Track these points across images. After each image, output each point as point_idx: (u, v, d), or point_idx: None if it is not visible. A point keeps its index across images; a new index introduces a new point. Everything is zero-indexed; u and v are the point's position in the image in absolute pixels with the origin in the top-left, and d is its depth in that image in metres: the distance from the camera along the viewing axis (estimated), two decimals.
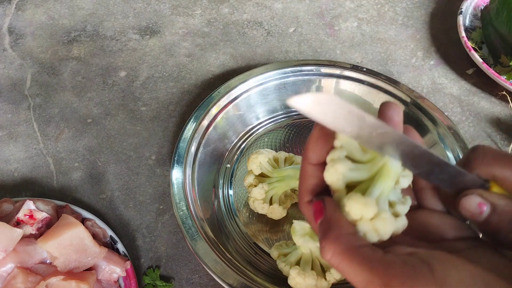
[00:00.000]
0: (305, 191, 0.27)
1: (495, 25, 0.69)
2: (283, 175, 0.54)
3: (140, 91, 0.69)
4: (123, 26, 0.77)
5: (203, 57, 0.73)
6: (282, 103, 0.65)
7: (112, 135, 0.65)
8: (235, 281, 0.47)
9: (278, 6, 0.80)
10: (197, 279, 0.54)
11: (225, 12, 0.79)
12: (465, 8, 0.75)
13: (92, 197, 0.60)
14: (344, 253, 0.23)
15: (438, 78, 0.72)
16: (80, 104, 0.68)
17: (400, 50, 0.75)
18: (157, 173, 0.61)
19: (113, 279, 0.50)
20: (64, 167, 0.62)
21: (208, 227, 0.52)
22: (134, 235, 0.57)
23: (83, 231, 0.48)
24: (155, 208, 0.59)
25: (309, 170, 0.27)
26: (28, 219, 0.49)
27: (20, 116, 0.67)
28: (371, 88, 0.63)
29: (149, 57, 0.73)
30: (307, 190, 0.27)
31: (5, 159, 0.63)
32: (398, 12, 0.81)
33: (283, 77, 0.64)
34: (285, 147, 0.62)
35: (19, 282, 0.44)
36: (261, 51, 0.74)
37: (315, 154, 0.26)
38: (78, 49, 0.74)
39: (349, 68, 0.64)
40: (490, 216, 0.25)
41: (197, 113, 0.60)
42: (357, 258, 0.23)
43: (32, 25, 0.77)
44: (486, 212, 0.25)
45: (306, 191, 0.27)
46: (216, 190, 0.59)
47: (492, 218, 0.25)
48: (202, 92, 0.69)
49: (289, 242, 0.52)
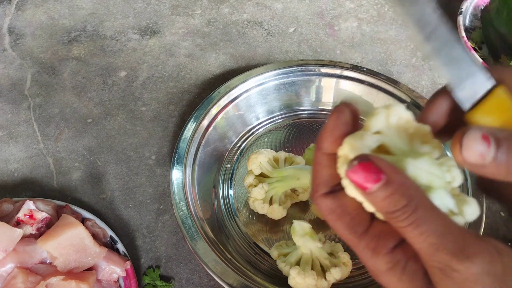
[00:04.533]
0: (320, 183, 0.25)
1: (495, 25, 0.69)
2: (283, 175, 0.54)
3: (140, 91, 0.69)
4: (123, 26, 0.77)
5: (203, 57, 0.73)
6: (282, 103, 0.65)
7: (112, 135, 0.65)
8: (235, 281, 0.47)
9: (278, 6, 0.80)
10: (197, 279, 0.54)
11: (225, 12, 0.79)
12: (465, 8, 0.75)
13: (92, 197, 0.60)
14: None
15: (438, 78, 0.72)
16: (80, 104, 0.68)
17: (400, 50, 0.75)
18: (157, 173, 0.61)
19: (113, 279, 0.50)
20: (64, 167, 0.62)
21: (208, 227, 0.52)
22: (134, 235, 0.57)
23: (83, 231, 0.48)
24: (155, 208, 0.59)
25: (323, 160, 0.25)
26: (28, 219, 0.49)
27: (20, 116, 0.67)
28: (371, 88, 0.63)
29: (149, 57, 0.73)
30: (323, 181, 0.25)
31: (5, 159, 0.63)
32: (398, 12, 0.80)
33: (283, 77, 0.64)
34: (285, 147, 0.62)
35: (19, 282, 0.44)
36: (261, 51, 0.74)
37: (331, 143, 0.24)
38: (78, 49, 0.74)
39: (349, 68, 0.64)
40: (498, 154, 0.22)
41: (197, 113, 0.60)
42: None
43: (32, 25, 0.77)
44: (492, 151, 0.22)
45: (321, 183, 0.25)
46: (216, 190, 0.59)
47: (500, 157, 0.22)
48: (202, 92, 0.69)
49: (289, 242, 0.52)
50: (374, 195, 0.22)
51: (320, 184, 0.25)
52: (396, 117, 0.24)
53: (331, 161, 0.25)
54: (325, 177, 0.25)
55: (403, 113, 0.24)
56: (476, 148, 0.22)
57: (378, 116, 0.24)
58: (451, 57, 0.25)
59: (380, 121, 0.24)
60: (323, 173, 0.25)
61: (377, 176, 0.22)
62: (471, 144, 0.22)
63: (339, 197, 0.25)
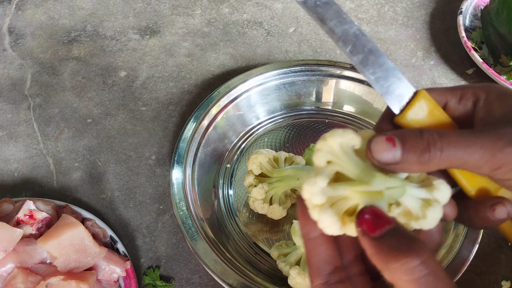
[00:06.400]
0: (319, 269, 0.26)
1: (495, 25, 0.69)
2: (283, 175, 0.54)
3: (140, 91, 0.69)
4: (123, 26, 0.77)
5: (203, 57, 0.73)
6: (282, 103, 0.65)
7: (112, 135, 0.65)
8: (235, 281, 0.47)
9: (278, 6, 0.80)
10: (197, 279, 0.54)
11: (225, 12, 0.79)
12: (465, 8, 0.75)
13: (92, 197, 0.60)
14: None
15: (438, 78, 0.72)
16: (80, 104, 0.68)
17: (400, 50, 0.75)
18: (157, 173, 0.61)
19: (113, 279, 0.50)
20: (64, 167, 0.62)
21: (208, 227, 0.52)
22: (134, 235, 0.57)
23: (83, 231, 0.48)
24: (155, 208, 0.59)
25: (313, 244, 0.26)
26: (28, 219, 0.49)
27: (20, 116, 0.67)
28: (371, 88, 0.63)
29: (149, 57, 0.73)
30: (322, 266, 0.26)
31: (5, 159, 0.63)
32: (398, 12, 0.81)
33: (283, 77, 0.64)
34: (285, 147, 0.62)
35: (19, 282, 0.44)
36: (261, 51, 0.74)
37: (312, 226, 0.25)
38: (78, 49, 0.74)
39: (349, 68, 0.64)
40: (405, 151, 0.25)
41: (197, 113, 0.60)
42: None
43: (32, 25, 0.77)
44: (398, 149, 0.25)
45: (320, 268, 0.26)
46: (216, 190, 0.59)
47: (407, 153, 0.25)
48: (202, 92, 0.69)
49: (289, 242, 0.52)
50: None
51: (317, 270, 0.26)
52: (337, 144, 0.25)
53: (323, 242, 0.26)
54: (323, 259, 0.26)
55: (342, 138, 0.25)
56: (382, 149, 0.24)
57: (319, 152, 0.25)
58: (377, 67, 0.28)
59: (323, 155, 0.25)
60: (319, 256, 0.26)
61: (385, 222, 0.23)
62: (377, 147, 0.24)
63: None
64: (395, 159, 0.24)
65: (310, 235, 0.26)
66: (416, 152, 0.24)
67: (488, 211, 0.27)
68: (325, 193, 0.24)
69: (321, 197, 0.24)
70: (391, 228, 0.23)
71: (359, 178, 0.25)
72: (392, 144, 0.24)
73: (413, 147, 0.24)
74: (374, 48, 0.27)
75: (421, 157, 0.24)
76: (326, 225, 0.24)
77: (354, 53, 0.27)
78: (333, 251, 0.26)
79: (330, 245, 0.26)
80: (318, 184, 0.24)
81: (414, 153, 0.24)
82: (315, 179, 0.24)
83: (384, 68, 0.28)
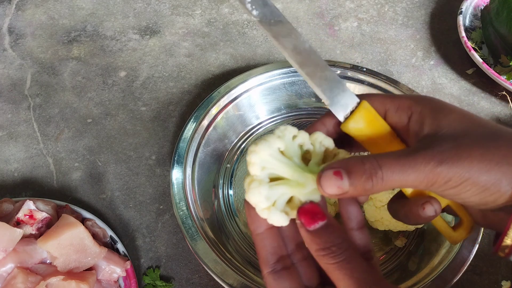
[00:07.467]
0: (266, 259, 0.30)
1: (495, 25, 0.69)
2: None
3: (140, 91, 0.69)
4: (123, 26, 0.77)
5: (203, 57, 0.73)
6: (282, 103, 0.65)
7: (112, 135, 0.65)
8: (235, 281, 0.47)
9: (278, 6, 0.80)
10: (197, 279, 0.54)
11: (225, 12, 0.79)
12: (465, 8, 0.75)
13: (92, 197, 0.60)
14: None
15: (438, 78, 0.72)
16: (80, 104, 0.68)
17: (400, 50, 0.75)
18: (157, 173, 0.61)
19: (113, 279, 0.50)
20: (64, 167, 0.62)
21: (208, 227, 0.52)
22: (134, 235, 0.57)
23: (83, 231, 0.48)
24: (155, 208, 0.59)
25: (260, 238, 0.30)
26: (28, 219, 0.49)
27: (20, 116, 0.67)
28: (371, 88, 0.63)
29: (149, 57, 0.73)
30: (268, 256, 0.30)
31: (5, 159, 0.63)
32: (398, 12, 0.81)
33: (283, 77, 0.64)
34: None
35: (19, 282, 0.44)
36: (261, 51, 0.74)
37: (258, 224, 0.30)
38: (78, 49, 0.74)
39: (349, 68, 0.64)
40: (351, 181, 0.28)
41: (197, 113, 0.60)
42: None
43: (32, 25, 0.77)
44: (346, 181, 0.27)
45: (267, 259, 0.30)
46: (216, 190, 0.59)
47: (354, 182, 0.28)
48: (202, 92, 0.69)
49: None
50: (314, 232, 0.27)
51: (266, 260, 0.30)
52: (267, 154, 0.28)
53: (269, 234, 0.30)
54: (270, 250, 0.30)
55: (270, 149, 0.28)
56: (332, 184, 0.27)
57: (254, 165, 0.28)
58: (323, 79, 0.31)
59: (257, 166, 0.28)
60: (267, 248, 0.30)
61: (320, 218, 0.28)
62: (327, 183, 0.27)
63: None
64: (344, 191, 0.27)
65: (257, 230, 0.30)
66: (360, 181, 0.27)
67: (419, 209, 0.30)
68: (268, 197, 0.28)
69: (266, 202, 0.28)
70: (323, 224, 0.27)
71: (293, 178, 0.28)
72: (340, 177, 0.27)
73: (357, 178, 0.27)
74: (321, 63, 0.31)
75: (366, 185, 0.27)
76: (275, 220, 0.28)
77: (303, 66, 0.30)
78: (277, 242, 0.30)
79: (275, 238, 0.30)
80: (261, 192, 0.27)
81: (359, 182, 0.27)
82: (259, 189, 0.27)
83: (329, 80, 0.31)
